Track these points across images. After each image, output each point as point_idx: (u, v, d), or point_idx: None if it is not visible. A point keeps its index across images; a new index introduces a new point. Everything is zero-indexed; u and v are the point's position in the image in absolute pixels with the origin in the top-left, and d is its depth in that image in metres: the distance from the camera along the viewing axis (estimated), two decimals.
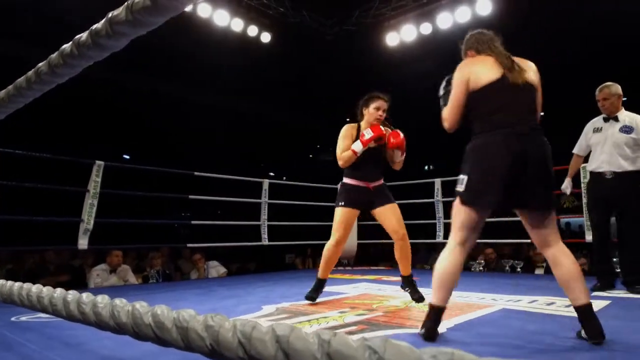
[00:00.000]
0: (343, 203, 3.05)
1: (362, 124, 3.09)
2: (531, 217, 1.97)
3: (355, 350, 0.42)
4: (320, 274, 3.14)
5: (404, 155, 3.09)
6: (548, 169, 1.90)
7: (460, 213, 2.00)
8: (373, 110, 3.03)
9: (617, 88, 3.41)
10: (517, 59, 2.03)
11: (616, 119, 3.40)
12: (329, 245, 3.06)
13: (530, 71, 2.02)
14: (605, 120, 3.45)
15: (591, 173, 3.53)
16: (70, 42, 0.89)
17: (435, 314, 2.00)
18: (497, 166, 1.88)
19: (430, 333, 1.99)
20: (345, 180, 3.12)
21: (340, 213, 3.04)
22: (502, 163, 1.87)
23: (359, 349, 0.42)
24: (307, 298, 3.04)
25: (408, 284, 3.07)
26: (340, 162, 3.07)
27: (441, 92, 2.17)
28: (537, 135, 1.92)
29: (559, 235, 1.97)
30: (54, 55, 0.94)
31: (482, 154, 1.94)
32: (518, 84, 1.93)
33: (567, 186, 3.73)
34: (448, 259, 1.99)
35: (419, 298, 3.01)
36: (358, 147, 2.95)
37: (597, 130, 3.49)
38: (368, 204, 3.08)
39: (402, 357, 0.39)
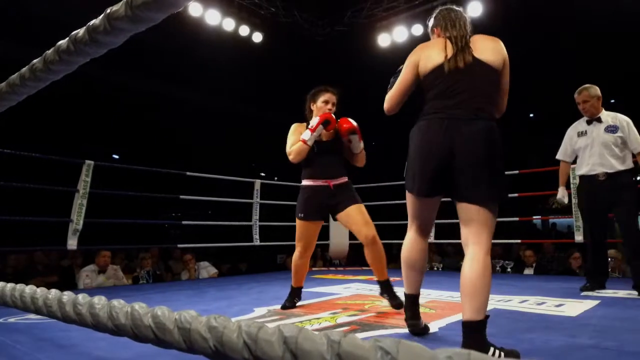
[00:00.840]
0: (302, 215, 2.81)
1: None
2: (459, 209, 1.79)
3: (367, 351, 0.41)
4: (293, 282, 3.00)
5: (362, 142, 2.80)
6: (479, 158, 1.70)
7: (408, 201, 1.99)
8: (322, 104, 2.82)
9: (595, 90, 3.40)
10: (477, 38, 1.88)
11: (599, 120, 3.38)
12: (294, 257, 2.94)
13: (487, 52, 1.82)
14: (589, 122, 3.43)
15: (582, 177, 3.47)
16: (67, 38, 0.87)
17: (410, 301, 2.07)
18: (421, 152, 1.83)
19: (412, 319, 2.08)
20: (303, 182, 2.86)
21: (300, 226, 2.84)
22: (424, 148, 1.81)
23: (370, 350, 0.41)
24: (283, 307, 2.88)
25: (385, 289, 2.76)
26: (290, 157, 2.77)
27: (392, 79, 2.08)
28: (474, 122, 1.73)
29: (481, 237, 1.72)
30: (49, 52, 0.92)
31: (412, 140, 1.89)
32: (460, 67, 1.80)
33: (563, 195, 3.61)
34: (408, 248, 2.01)
35: (397, 305, 2.66)
36: (307, 135, 2.66)
37: (581, 134, 3.46)
38: (330, 207, 2.80)
39: (416, 358, 0.38)
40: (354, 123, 2.74)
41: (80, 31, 0.83)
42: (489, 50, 1.84)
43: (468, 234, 1.76)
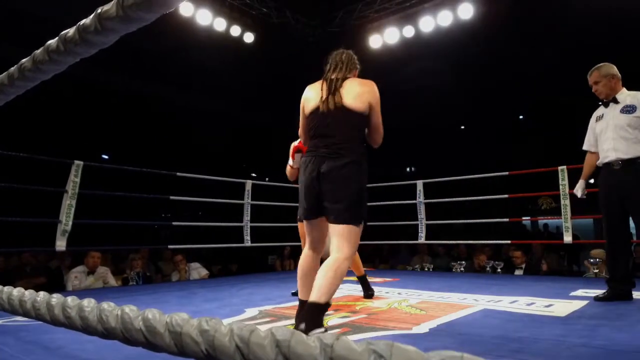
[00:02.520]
0: (299, 217, 3.07)
1: None
2: (329, 226, 2.14)
3: (360, 355, 0.41)
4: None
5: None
6: (340, 186, 2.06)
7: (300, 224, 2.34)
8: None
9: (608, 68, 3.02)
10: (349, 83, 2.18)
11: (616, 101, 2.99)
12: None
13: (352, 98, 2.13)
14: (606, 105, 3.05)
15: (601, 168, 3.07)
16: (57, 38, 0.86)
17: (301, 305, 2.29)
18: (302, 184, 2.20)
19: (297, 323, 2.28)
20: None
21: (299, 227, 3.27)
22: (304, 181, 2.18)
23: (363, 353, 0.41)
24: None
25: (361, 282, 3.40)
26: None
27: None
28: (335, 157, 2.09)
29: (342, 247, 2.06)
30: (38, 51, 0.90)
31: (300, 174, 2.24)
32: (325, 112, 2.14)
33: (577, 188, 3.26)
34: (302, 262, 2.32)
35: (368, 295, 3.33)
36: (290, 161, 3.03)
37: (599, 118, 3.08)
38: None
39: None
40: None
41: (70, 31, 0.81)
42: (355, 96, 2.14)
43: (334, 244, 2.09)
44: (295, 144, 3.02)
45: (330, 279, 1.98)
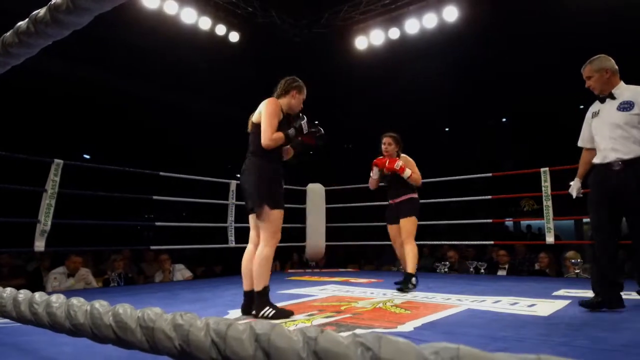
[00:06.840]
0: (386, 222, 4.14)
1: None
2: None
3: (346, 348, 0.38)
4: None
5: (407, 171, 3.93)
6: (244, 182, 2.73)
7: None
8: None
9: (601, 61, 2.77)
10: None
11: (612, 97, 2.73)
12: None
13: (257, 114, 2.77)
14: (602, 100, 2.80)
15: (596, 168, 2.80)
16: (27, 19, 0.81)
17: (245, 296, 2.89)
18: None
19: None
20: None
21: (389, 229, 4.12)
22: None
23: (350, 346, 0.38)
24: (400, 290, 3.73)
25: (405, 277, 3.81)
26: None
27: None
28: (248, 160, 2.76)
29: (263, 235, 2.64)
30: (8, 34, 0.85)
31: None
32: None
33: (572, 188, 3.03)
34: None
35: (400, 289, 3.71)
36: (371, 172, 4.15)
37: (595, 114, 2.83)
38: (396, 217, 3.97)
39: (400, 354, 0.35)
40: (395, 165, 3.85)
41: (41, 11, 0.77)
42: (257, 112, 2.79)
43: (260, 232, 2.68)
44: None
45: (257, 269, 2.60)
